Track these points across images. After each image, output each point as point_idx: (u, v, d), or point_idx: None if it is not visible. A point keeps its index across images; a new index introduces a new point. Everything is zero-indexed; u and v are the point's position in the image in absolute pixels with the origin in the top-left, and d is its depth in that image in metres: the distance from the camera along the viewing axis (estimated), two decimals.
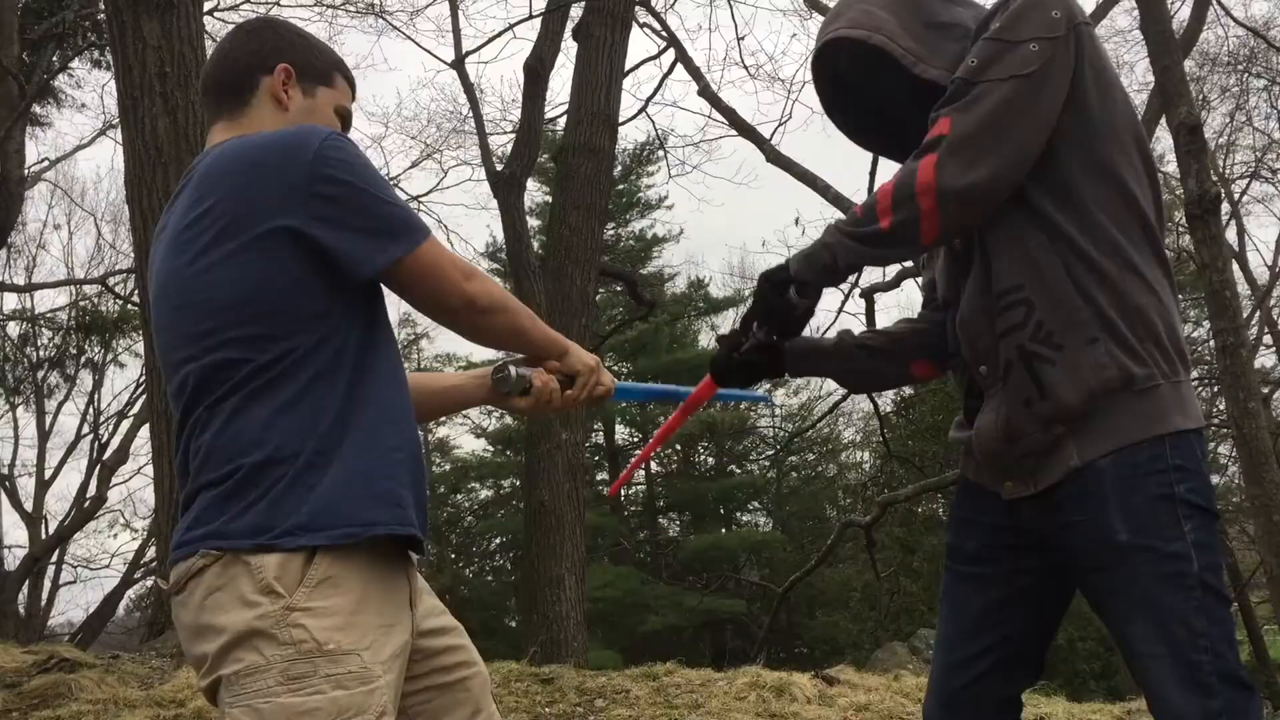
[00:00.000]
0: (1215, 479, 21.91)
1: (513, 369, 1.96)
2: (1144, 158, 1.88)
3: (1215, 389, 17.77)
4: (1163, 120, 9.92)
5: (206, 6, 9.43)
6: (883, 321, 16.11)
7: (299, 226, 1.61)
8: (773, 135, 12.13)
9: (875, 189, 1.88)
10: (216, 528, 1.57)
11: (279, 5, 13.77)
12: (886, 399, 20.93)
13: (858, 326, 13.90)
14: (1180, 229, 17.83)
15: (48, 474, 20.60)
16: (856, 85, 2.08)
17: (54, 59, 14.64)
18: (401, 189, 17.56)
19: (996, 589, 1.98)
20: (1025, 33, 1.78)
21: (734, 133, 12.81)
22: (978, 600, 1.99)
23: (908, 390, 22.25)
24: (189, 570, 1.59)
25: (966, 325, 1.93)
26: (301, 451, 1.59)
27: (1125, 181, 1.84)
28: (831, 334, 2.26)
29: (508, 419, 25.11)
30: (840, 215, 2.23)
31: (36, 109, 14.65)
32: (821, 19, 2.16)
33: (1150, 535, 1.75)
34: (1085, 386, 1.79)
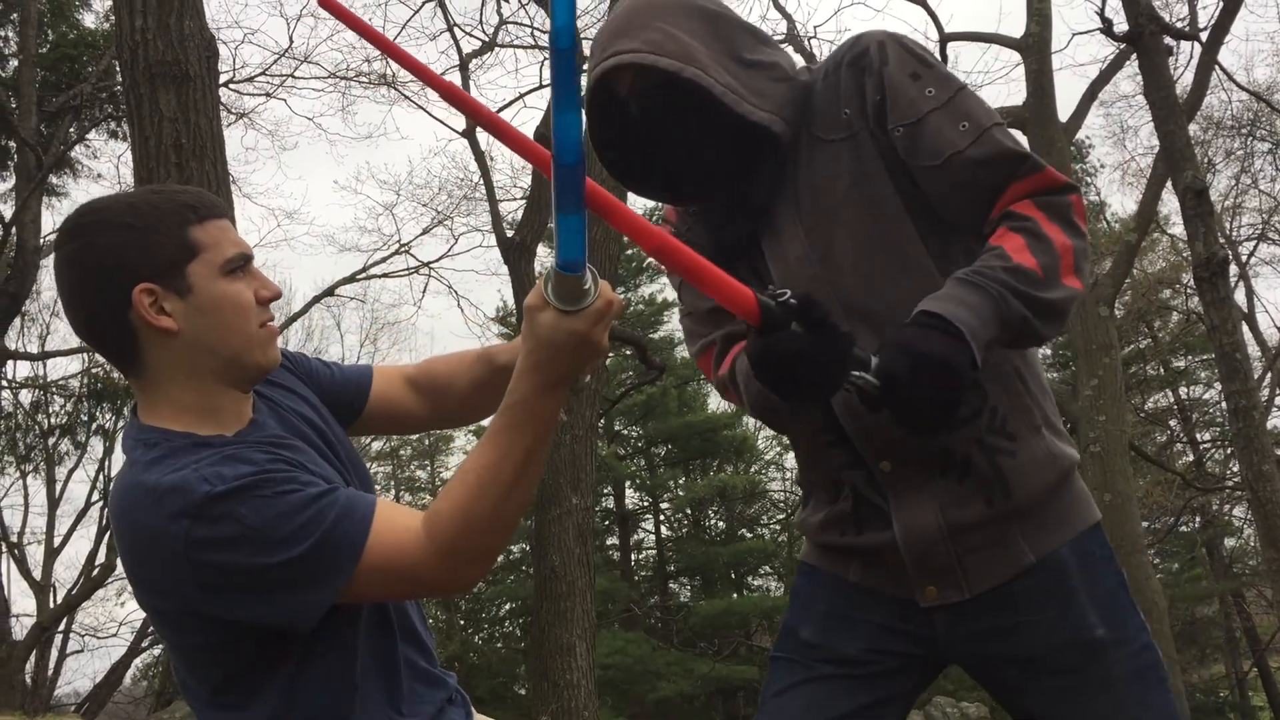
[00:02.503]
0: (1231, 542, 21.70)
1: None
2: None
3: (1229, 452, 17.66)
4: (1169, 184, 9.98)
5: (222, 79, 9.57)
6: None
7: (203, 622, 1.38)
8: None
9: (1038, 243, 1.49)
10: None
11: (294, 77, 13.98)
12: None
13: None
14: (1189, 291, 17.83)
15: (57, 541, 20.57)
16: (644, 118, 1.66)
17: (71, 130, 14.88)
18: (412, 254, 17.68)
19: (870, 692, 1.67)
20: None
21: None
22: (842, 703, 1.67)
23: None
24: None
25: (865, 416, 1.59)
26: None
27: None
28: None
29: None
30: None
31: (53, 179, 14.86)
32: None
33: (1122, 628, 1.59)
34: (1046, 480, 1.61)
